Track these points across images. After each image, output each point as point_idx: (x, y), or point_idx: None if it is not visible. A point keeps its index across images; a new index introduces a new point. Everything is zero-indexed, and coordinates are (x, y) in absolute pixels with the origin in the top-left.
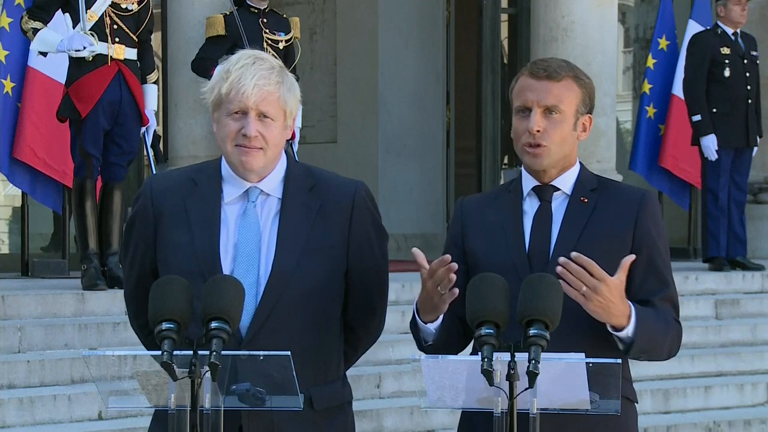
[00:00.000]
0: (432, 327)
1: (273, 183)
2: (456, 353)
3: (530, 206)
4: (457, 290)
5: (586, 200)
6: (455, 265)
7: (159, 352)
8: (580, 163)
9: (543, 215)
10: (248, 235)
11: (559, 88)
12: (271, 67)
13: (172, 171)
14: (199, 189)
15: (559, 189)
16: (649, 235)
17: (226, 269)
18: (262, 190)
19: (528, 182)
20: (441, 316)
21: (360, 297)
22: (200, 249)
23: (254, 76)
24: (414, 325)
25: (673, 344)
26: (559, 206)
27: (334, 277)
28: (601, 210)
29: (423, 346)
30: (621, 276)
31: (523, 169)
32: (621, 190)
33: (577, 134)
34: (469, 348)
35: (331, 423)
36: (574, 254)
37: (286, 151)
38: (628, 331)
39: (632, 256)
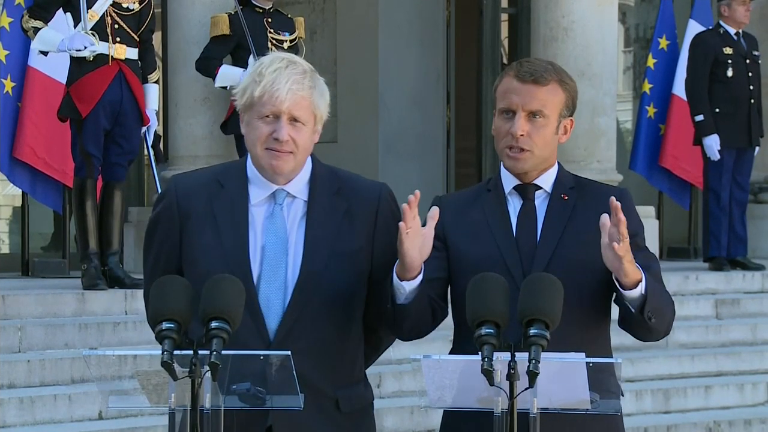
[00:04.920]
0: (406, 286)
1: (299, 185)
2: (421, 329)
3: (513, 204)
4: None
5: (566, 197)
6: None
7: (155, 352)
8: (558, 162)
9: (528, 213)
10: (275, 238)
11: (545, 92)
12: (303, 71)
13: (196, 172)
14: (225, 190)
15: (540, 188)
16: (628, 228)
17: (255, 271)
18: (288, 193)
19: (509, 181)
20: (418, 281)
21: (383, 299)
22: (229, 251)
23: (288, 80)
24: (389, 284)
25: (671, 314)
26: (540, 204)
27: (360, 280)
28: (581, 207)
29: (389, 306)
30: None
31: (502, 167)
32: (598, 188)
33: (558, 137)
34: (449, 346)
35: (357, 425)
36: (614, 203)
37: (312, 153)
38: (642, 287)
39: (606, 216)
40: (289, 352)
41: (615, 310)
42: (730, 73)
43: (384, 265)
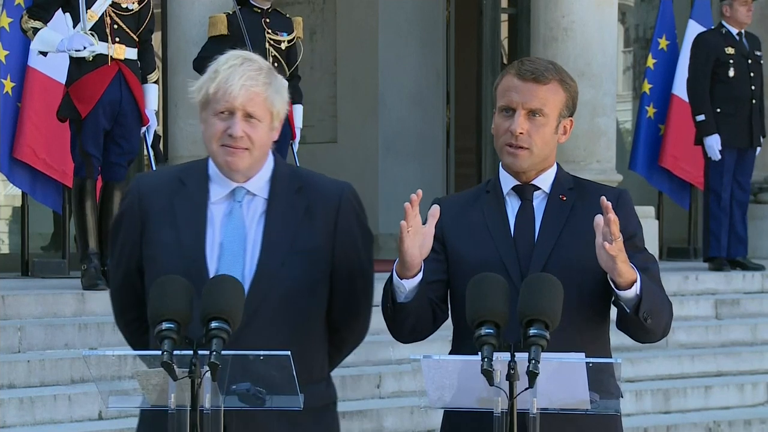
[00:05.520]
0: (406, 284)
1: (259, 183)
2: (422, 330)
3: (511, 205)
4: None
5: (564, 198)
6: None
7: (154, 352)
8: (557, 163)
9: (526, 213)
10: (233, 235)
11: (545, 91)
12: (259, 68)
13: (160, 170)
14: (186, 188)
15: (539, 188)
16: (626, 229)
17: (212, 268)
18: (248, 191)
19: (507, 181)
20: (417, 279)
21: (345, 298)
22: (186, 248)
23: (242, 76)
24: (389, 284)
25: (668, 316)
26: (539, 204)
27: (319, 278)
28: (579, 207)
29: (389, 305)
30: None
31: (501, 168)
32: (597, 189)
33: (557, 137)
34: (449, 346)
35: (315, 423)
36: (605, 202)
37: (273, 152)
38: (637, 288)
39: (600, 217)
40: (288, 353)
41: (615, 311)
42: (731, 73)
43: (345, 264)
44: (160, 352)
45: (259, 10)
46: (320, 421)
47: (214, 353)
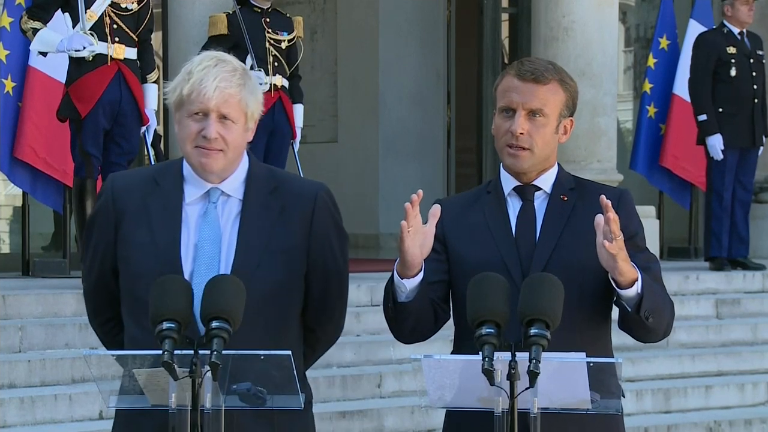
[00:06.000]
0: (407, 284)
1: (234, 184)
2: (423, 330)
3: (512, 205)
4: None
5: (566, 198)
6: (420, 194)
7: (155, 352)
8: (558, 163)
9: (527, 214)
10: (208, 236)
11: (545, 91)
12: (233, 69)
13: (135, 170)
14: (161, 188)
15: (540, 188)
16: (628, 228)
17: (187, 269)
18: (223, 191)
19: (508, 182)
20: (419, 279)
21: (319, 299)
22: (161, 249)
23: (216, 77)
24: (390, 283)
25: (670, 315)
26: (540, 205)
27: (294, 279)
28: (580, 208)
29: (390, 305)
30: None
31: (502, 168)
32: (598, 189)
33: (558, 137)
34: (450, 346)
35: (292, 423)
36: (604, 201)
37: (248, 153)
38: (638, 287)
39: (601, 216)
40: (289, 353)
41: (616, 311)
42: (733, 72)
43: (320, 265)
44: (160, 352)
45: (259, 10)
46: (297, 421)
47: (215, 353)
